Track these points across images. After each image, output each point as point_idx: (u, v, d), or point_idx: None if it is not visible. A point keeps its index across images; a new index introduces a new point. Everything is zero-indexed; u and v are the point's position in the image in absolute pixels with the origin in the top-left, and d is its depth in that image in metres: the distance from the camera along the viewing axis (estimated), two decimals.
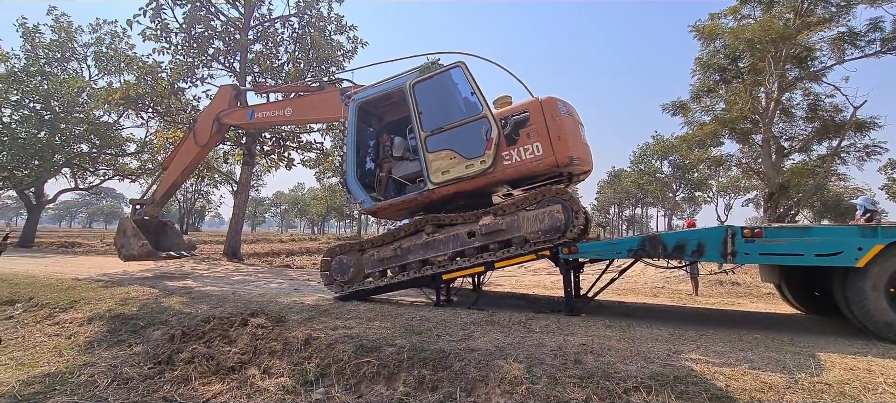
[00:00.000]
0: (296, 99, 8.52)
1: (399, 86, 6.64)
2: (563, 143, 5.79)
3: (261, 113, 8.78)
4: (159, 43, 13.79)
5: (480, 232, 6.03)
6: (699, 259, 5.23)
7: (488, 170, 6.00)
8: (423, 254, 6.36)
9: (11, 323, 6.15)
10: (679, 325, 5.20)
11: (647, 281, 11.43)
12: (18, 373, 4.34)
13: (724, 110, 19.38)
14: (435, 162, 6.26)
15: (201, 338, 4.77)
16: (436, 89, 6.43)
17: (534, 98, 6.17)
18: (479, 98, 6.15)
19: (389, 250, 6.57)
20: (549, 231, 5.70)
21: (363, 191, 6.90)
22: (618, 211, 67.32)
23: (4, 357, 4.86)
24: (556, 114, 5.92)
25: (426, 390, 3.48)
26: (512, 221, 5.94)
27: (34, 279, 8.35)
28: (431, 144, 6.31)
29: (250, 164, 15.54)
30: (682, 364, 3.47)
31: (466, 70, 6.24)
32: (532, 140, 5.89)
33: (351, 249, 6.91)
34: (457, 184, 6.19)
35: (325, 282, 6.91)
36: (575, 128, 6.22)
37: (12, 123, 18.61)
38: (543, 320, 5.10)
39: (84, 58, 21.26)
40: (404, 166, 6.95)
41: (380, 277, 6.67)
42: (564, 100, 6.26)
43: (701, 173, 36.70)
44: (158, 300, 6.46)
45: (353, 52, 16.04)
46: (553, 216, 5.69)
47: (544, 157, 5.82)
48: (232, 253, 15.25)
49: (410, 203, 6.64)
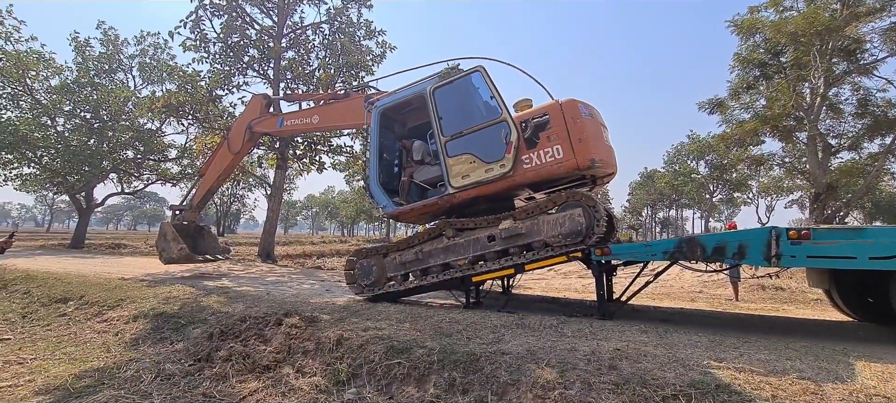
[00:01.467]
0: (323, 106, 8.73)
1: (419, 92, 6.70)
2: (585, 146, 5.69)
3: (290, 121, 9.04)
4: (198, 52, 14.40)
5: (500, 236, 5.99)
6: (740, 262, 5.01)
7: (508, 174, 5.96)
8: (444, 258, 6.38)
9: (65, 319, 6.53)
10: (719, 331, 4.98)
11: (684, 286, 11.04)
12: (71, 368, 4.59)
13: (765, 107, 18.54)
14: (455, 166, 6.26)
15: (238, 337, 4.92)
16: (455, 94, 6.46)
17: (554, 100, 6.09)
18: (498, 102, 6.12)
19: (411, 254, 6.60)
20: (569, 235, 5.59)
21: (385, 195, 6.99)
22: (651, 212, 65.47)
23: (58, 352, 5.15)
24: (577, 116, 5.82)
25: (457, 392, 3.46)
26: (532, 225, 5.86)
27: (84, 278, 8.83)
28: (451, 149, 6.32)
29: (283, 168, 15.96)
30: (724, 372, 3.32)
31: (486, 74, 6.22)
32: (552, 143, 5.81)
33: (374, 253, 6.99)
34: (477, 188, 6.17)
35: (350, 284, 7.02)
36: (597, 130, 6.09)
37: (65, 132, 19.83)
38: (575, 324, 5.00)
39: (130, 68, 22.41)
40: (425, 170, 6.98)
41: (402, 281, 6.71)
42: (586, 102, 6.16)
43: (740, 173, 35.24)
44: (198, 299, 6.71)
45: (382, 57, 16.24)
46: (574, 220, 5.57)
47: (565, 160, 5.74)
48: (266, 254, 15.70)
49: (431, 207, 6.66)
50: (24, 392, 3.95)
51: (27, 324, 6.47)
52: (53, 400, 3.75)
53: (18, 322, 6.60)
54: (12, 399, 3.80)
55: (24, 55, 18.46)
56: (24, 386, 4.10)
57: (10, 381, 4.23)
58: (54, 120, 19.67)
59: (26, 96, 19.03)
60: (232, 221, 60.61)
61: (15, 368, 4.61)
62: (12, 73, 18.10)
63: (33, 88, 19.14)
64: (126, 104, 20.14)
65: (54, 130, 19.60)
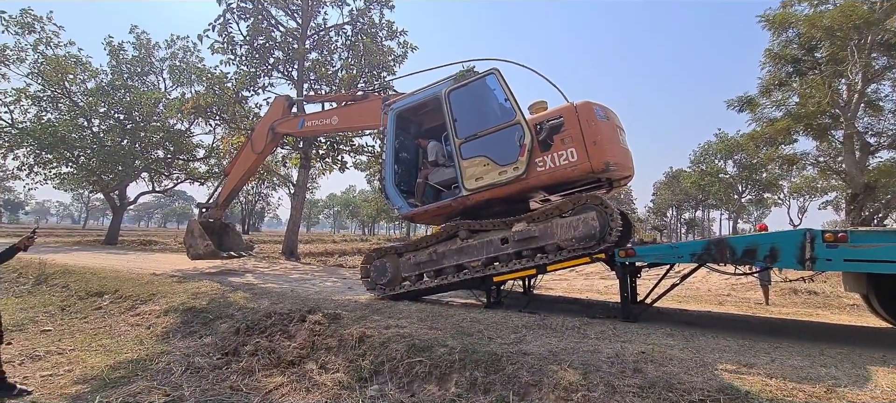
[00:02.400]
0: (342, 108, 8.89)
1: (435, 95, 6.74)
2: (599, 148, 5.62)
3: (310, 122, 9.25)
4: (225, 54, 14.79)
5: (513, 238, 5.96)
6: (772, 265, 4.85)
7: (521, 177, 5.93)
8: (458, 259, 6.41)
9: (100, 312, 6.80)
10: (749, 336, 4.84)
11: (711, 288, 10.73)
12: (106, 359, 4.78)
13: (799, 104, 17.84)
14: (469, 168, 6.28)
15: (263, 332, 5.04)
16: (470, 96, 6.47)
17: (568, 103, 6.04)
18: (512, 104, 6.09)
19: (425, 255, 6.66)
20: (583, 238, 5.53)
21: (400, 196, 7.07)
22: (676, 213, 63.94)
23: (95, 344, 5.38)
24: (592, 118, 5.75)
25: (478, 392, 3.46)
26: (545, 228, 5.82)
27: (118, 273, 9.17)
28: (465, 151, 6.34)
29: (307, 167, 16.24)
30: (755, 377, 3.22)
31: (500, 76, 6.20)
32: (566, 146, 5.76)
33: (390, 253, 7.07)
34: (490, 191, 6.17)
35: (365, 284, 7.14)
36: (613, 132, 6.00)
37: (100, 132, 20.65)
38: (598, 326, 4.93)
39: (160, 71, 23.18)
40: (440, 172, 7.03)
41: (417, 280, 6.77)
42: (602, 105, 6.07)
43: (770, 173, 34.04)
44: (225, 295, 6.89)
45: (404, 57, 16.35)
46: (588, 223, 5.51)
47: (579, 163, 5.68)
48: (289, 252, 16.00)
49: (445, 209, 6.70)
50: (63, 381, 4.14)
51: (66, 316, 6.77)
52: (90, 390, 3.91)
53: (58, 314, 6.91)
54: (54, 388, 3.98)
55: (63, 59, 19.30)
56: (64, 376, 4.29)
57: (51, 370, 4.44)
58: (90, 121, 20.52)
59: (64, 99, 19.90)
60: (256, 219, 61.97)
61: (55, 358, 4.84)
62: (52, 77, 18.95)
63: (71, 91, 20.00)
64: (157, 105, 20.83)
65: (90, 131, 20.44)
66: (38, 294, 8.20)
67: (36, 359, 4.80)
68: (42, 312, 6.97)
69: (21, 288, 8.64)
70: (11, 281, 9.06)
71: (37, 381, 4.15)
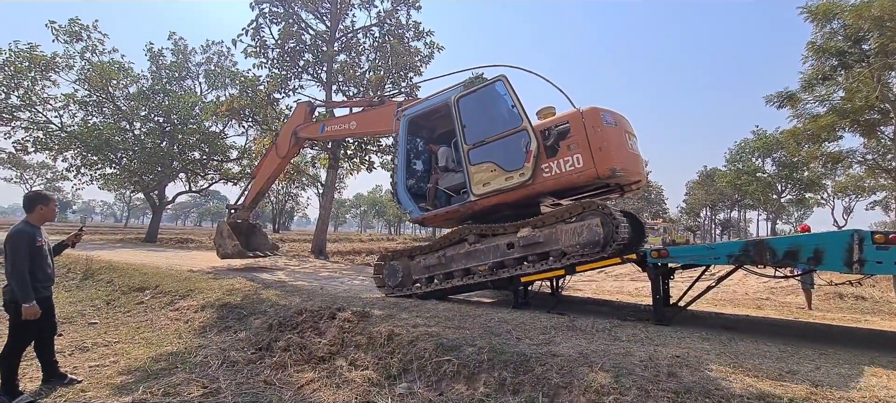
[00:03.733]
0: (360, 113, 9.19)
1: (445, 101, 6.85)
2: (605, 155, 5.63)
3: (330, 126, 9.60)
4: (258, 58, 15.23)
5: (519, 243, 6.01)
6: (815, 268, 4.63)
7: (527, 183, 5.99)
8: (466, 263, 6.50)
9: (142, 307, 7.13)
10: (790, 342, 4.63)
11: (749, 291, 10.33)
12: (148, 351, 5.00)
13: (844, 99, 16.96)
14: (477, 174, 6.38)
15: (295, 329, 5.16)
16: (478, 103, 6.57)
17: (575, 109, 6.04)
18: (519, 110, 6.12)
19: (434, 258, 6.79)
20: (587, 244, 5.51)
21: (411, 201, 7.26)
22: (710, 214, 61.82)
23: (137, 337, 5.64)
24: (598, 124, 5.75)
25: (507, 392, 3.44)
26: (550, 234, 5.83)
27: (158, 269, 9.58)
28: (474, 157, 6.44)
29: (335, 168, 16.54)
30: (799, 385, 3.07)
31: (508, 83, 6.24)
32: (572, 152, 5.78)
33: (401, 255, 7.26)
34: (497, 196, 6.26)
35: (377, 285, 7.33)
36: (620, 138, 5.97)
37: (141, 135, 21.64)
38: (630, 328, 4.82)
39: (197, 75, 24.10)
40: (450, 177, 7.16)
41: (427, 283, 6.90)
42: (611, 110, 6.06)
43: (812, 172, 32.45)
44: (257, 292, 7.10)
45: (430, 57, 16.43)
46: (592, 230, 5.47)
47: (585, 169, 5.69)
48: (318, 250, 16.33)
49: (454, 213, 6.84)
50: (109, 372, 4.36)
51: (111, 310, 7.13)
52: (134, 381, 4.10)
53: (104, 308, 7.28)
54: (101, 378, 4.20)
55: (107, 66, 20.31)
56: (110, 367, 4.52)
57: (99, 361, 4.68)
58: (132, 124, 21.54)
59: (109, 103, 20.94)
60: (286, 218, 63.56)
61: (102, 350, 5.10)
62: (97, 83, 19.97)
63: (115, 96, 21.04)
64: (193, 109, 21.67)
65: (132, 134, 21.45)
66: (86, 288, 8.66)
67: (84, 350, 5.06)
68: (89, 306, 7.36)
69: (70, 283, 9.15)
70: (61, 276, 9.60)
71: (86, 371, 4.38)
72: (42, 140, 19.67)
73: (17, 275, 3.67)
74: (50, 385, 3.95)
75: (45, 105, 19.80)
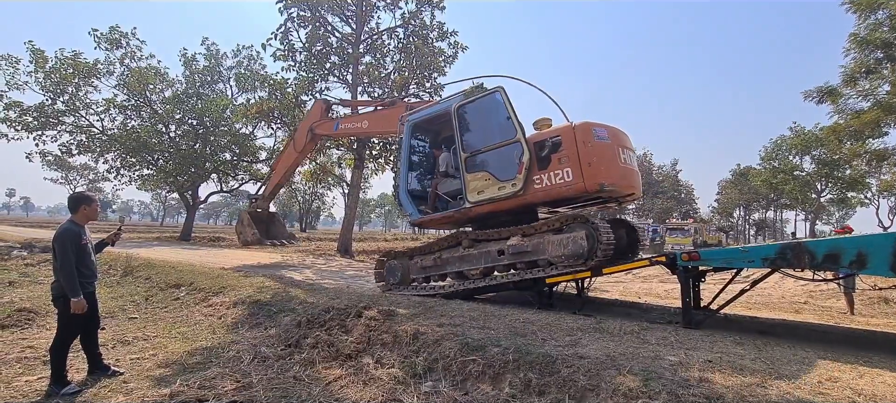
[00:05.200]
0: (371, 113, 9.57)
1: (446, 109, 7.08)
2: (594, 170, 5.75)
3: (344, 125, 9.98)
4: (286, 61, 15.60)
5: (508, 251, 6.22)
6: (858, 271, 4.43)
7: (519, 193, 6.14)
8: (459, 266, 6.76)
9: (178, 303, 7.41)
10: (831, 348, 4.43)
11: (785, 294, 9.91)
12: (184, 345, 5.20)
13: (890, 93, 16.06)
14: (472, 182, 6.59)
15: (323, 326, 5.26)
16: (477, 113, 6.78)
17: (568, 123, 6.17)
18: (513, 122, 6.26)
19: (430, 259, 7.07)
20: (571, 256, 5.69)
21: (412, 204, 7.56)
22: (744, 214, 59.69)
23: (174, 332, 5.87)
24: (589, 139, 5.87)
25: (533, 394, 3.42)
26: (538, 244, 6.02)
27: (193, 267, 9.94)
28: (469, 165, 6.66)
29: (360, 167, 16.76)
30: (841, 394, 2.95)
31: (505, 95, 6.39)
32: (563, 165, 5.91)
33: (401, 255, 7.59)
34: (491, 205, 6.47)
35: (377, 281, 7.72)
36: (612, 153, 6.04)
37: (176, 137, 22.48)
38: (659, 331, 4.71)
39: (228, 79, 24.85)
40: (448, 183, 7.38)
41: (423, 282, 7.20)
42: (607, 125, 6.16)
43: (855, 170, 30.84)
44: (286, 290, 7.27)
45: (454, 57, 16.45)
46: (577, 242, 5.65)
47: (574, 183, 5.82)
48: (344, 249, 16.60)
49: (450, 218, 7.13)
50: (149, 365, 4.56)
51: (149, 306, 7.44)
52: (172, 374, 4.28)
53: (142, 303, 7.60)
54: (141, 370, 4.39)
55: (145, 71, 21.20)
56: (149, 360, 4.72)
57: (139, 354, 4.90)
58: (167, 127, 22.41)
59: (146, 107, 21.85)
60: (313, 218, 64.78)
61: (142, 343, 5.33)
62: (135, 87, 20.87)
63: (151, 100, 21.94)
64: (225, 111, 22.37)
65: (168, 136, 22.33)
66: (126, 285, 9.07)
67: (125, 344, 5.31)
68: (129, 301, 7.70)
69: (111, 279, 9.58)
70: (103, 272, 10.06)
71: (127, 364, 4.60)
72: (85, 143, 20.70)
73: (65, 272, 3.88)
74: (94, 376, 4.16)
75: (87, 109, 20.85)
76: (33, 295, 7.68)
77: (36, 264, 11.21)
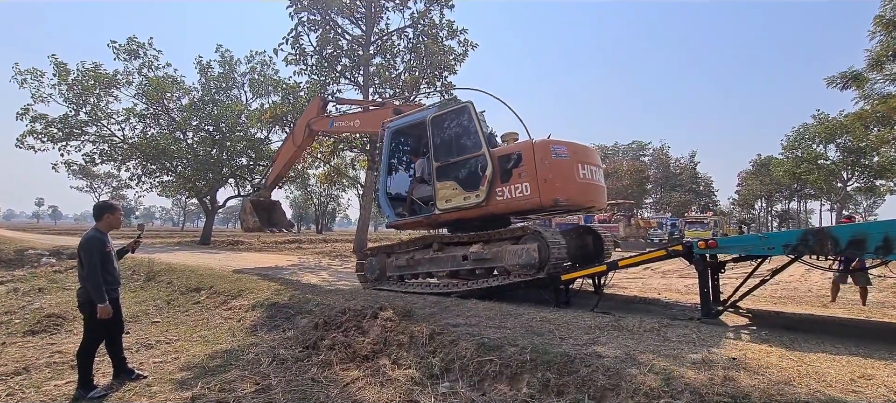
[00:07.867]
0: (362, 112, 9.94)
1: (422, 119, 7.40)
2: (549, 186, 6.11)
3: (338, 122, 10.24)
4: (298, 65, 15.74)
5: (471, 257, 6.64)
6: (886, 258, 4.27)
7: (482, 204, 6.54)
8: (429, 268, 7.17)
9: (198, 306, 7.55)
10: (863, 343, 4.27)
11: (812, 287, 9.61)
12: (205, 348, 5.29)
13: None
14: (441, 190, 6.97)
15: (339, 328, 5.28)
16: (448, 124, 7.04)
17: (529, 140, 6.49)
18: (480, 136, 6.59)
19: (404, 259, 7.45)
20: (525, 265, 6.07)
21: (390, 206, 7.93)
22: (766, 205, 58.25)
23: (195, 335, 5.97)
24: (546, 156, 6.20)
25: (551, 394, 3.37)
26: (497, 252, 6.42)
27: (212, 270, 10.11)
28: (440, 173, 7.00)
29: (374, 169, 16.83)
30: (876, 392, 2.83)
31: (473, 109, 6.74)
32: (522, 180, 6.28)
33: (379, 253, 7.96)
34: (457, 213, 6.88)
35: (360, 279, 8.06)
36: (569, 170, 6.37)
37: (194, 144, 22.91)
38: (680, 328, 4.61)
39: (242, 85, 25.22)
40: (422, 189, 7.79)
41: (398, 280, 7.54)
42: (566, 142, 6.49)
43: (884, 157, 29.79)
44: (303, 292, 7.34)
45: (464, 55, 16.39)
46: (529, 253, 6.03)
47: (531, 197, 6.20)
48: (359, 250, 16.68)
49: (421, 223, 7.63)
50: (171, 368, 4.64)
51: (171, 309, 7.59)
52: (194, 376, 4.35)
53: (164, 307, 7.76)
54: (163, 373, 4.48)
55: (162, 80, 21.64)
56: (172, 363, 4.81)
57: (161, 357, 5.00)
58: (185, 134, 22.86)
59: (164, 115, 22.32)
60: (328, 219, 65.47)
61: (164, 346, 5.44)
62: (154, 96, 21.33)
63: (169, 108, 22.39)
64: (240, 117, 22.71)
65: (186, 143, 22.77)
66: (148, 289, 9.28)
67: (148, 347, 5.42)
68: (152, 305, 7.87)
69: (135, 284, 9.82)
70: (127, 278, 10.32)
71: (150, 367, 4.69)
72: (107, 151, 21.24)
73: (92, 279, 3.97)
74: (119, 379, 4.26)
75: (109, 119, 21.39)
76: (62, 301, 7.91)
77: (64, 271, 11.56)
